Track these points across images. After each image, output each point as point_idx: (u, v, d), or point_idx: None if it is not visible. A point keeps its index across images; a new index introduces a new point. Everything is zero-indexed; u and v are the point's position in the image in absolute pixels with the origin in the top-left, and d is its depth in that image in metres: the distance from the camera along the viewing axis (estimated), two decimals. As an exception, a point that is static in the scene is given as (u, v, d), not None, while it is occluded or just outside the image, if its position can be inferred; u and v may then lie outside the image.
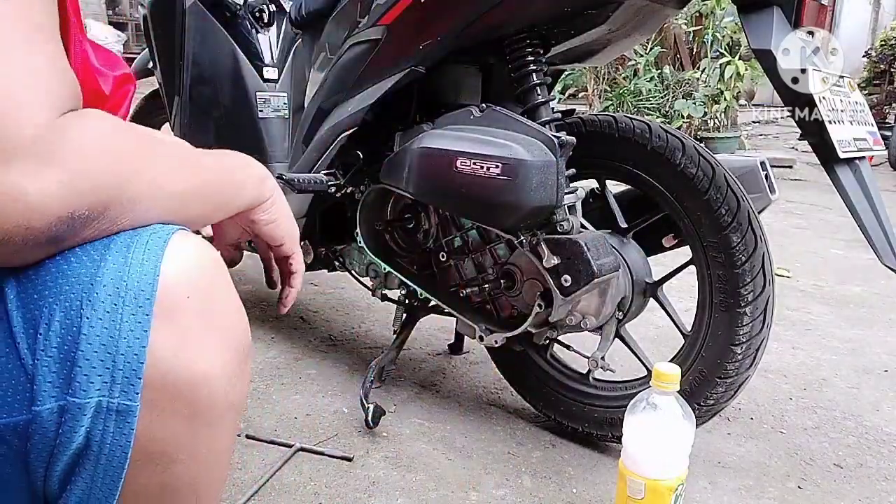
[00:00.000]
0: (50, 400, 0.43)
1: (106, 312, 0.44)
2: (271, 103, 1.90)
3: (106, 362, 0.44)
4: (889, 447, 1.33)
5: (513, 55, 1.12)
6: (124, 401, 0.44)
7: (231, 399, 0.50)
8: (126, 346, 0.44)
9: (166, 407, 0.46)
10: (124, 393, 0.44)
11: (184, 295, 0.46)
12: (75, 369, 0.43)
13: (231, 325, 0.50)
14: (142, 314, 0.44)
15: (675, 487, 0.92)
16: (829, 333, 1.93)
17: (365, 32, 1.21)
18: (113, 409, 0.44)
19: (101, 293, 0.44)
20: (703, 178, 1.08)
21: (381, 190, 1.29)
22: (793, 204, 3.86)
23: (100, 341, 0.43)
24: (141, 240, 0.47)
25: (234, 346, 0.50)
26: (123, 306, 0.44)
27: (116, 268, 0.45)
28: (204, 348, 0.47)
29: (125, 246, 0.46)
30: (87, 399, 0.43)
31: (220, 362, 0.48)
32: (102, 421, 0.44)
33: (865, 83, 6.77)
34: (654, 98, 5.58)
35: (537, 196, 1.00)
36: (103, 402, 0.44)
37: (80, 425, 0.44)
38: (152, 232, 0.48)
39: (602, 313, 1.16)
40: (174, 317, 0.46)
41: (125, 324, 0.44)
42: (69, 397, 0.43)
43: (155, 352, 0.45)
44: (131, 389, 0.44)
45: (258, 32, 1.89)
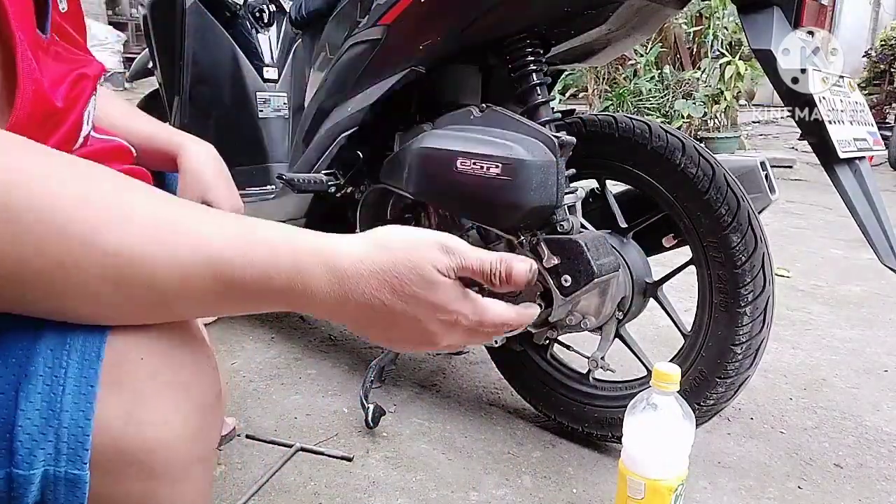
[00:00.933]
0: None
1: (46, 385, 0.41)
2: (271, 103, 1.90)
3: (48, 435, 0.41)
4: (889, 447, 1.33)
5: (513, 55, 1.12)
6: (72, 470, 0.42)
7: (196, 454, 0.47)
8: (69, 417, 0.41)
9: (121, 472, 0.44)
10: (71, 463, 0.42)
11: (136, 357, 0.43)
12: (15, 443, 0.41)
13: (194, 379, 0.46)
14: (86, 384, 0.41)
15: (675, 487, 0.92)
16: (828, 333, 1.93)
17: (365, 32, 1.21)
18: (61, 478, 0.42)
19: (40, 364, 0.41)
20: (703, 178, 1.08)
21: (381, 190, 1.29)
22: (793, 204, 3.86)
23: (40, 414, 0.41)
24: None
25: (197, 401, 0.46)
26: (66, 376, 0.41)
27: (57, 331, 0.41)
28: (160, 410, 0.43)
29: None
30: (31, 471, 0.41)
31: (179, 422, 0.44)
32: (53, 487, 0.42)
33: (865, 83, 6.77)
34: (654, 98, 5.59)
35: (537, 196, 1.00)
36: (50, 471, 0.42)
37: (29, 492, 0.42)
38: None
39: (602, 313, 1.16)
40: (125, 381, 0.42)
41: (68, 395, 0.41)
42: (13, 468, 0.41)
43: (104, 419, 0.42)
44: (78, 460, 0.42)
45: (258, 32, 1.90)
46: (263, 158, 1.87)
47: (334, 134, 1.27)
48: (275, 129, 1.90)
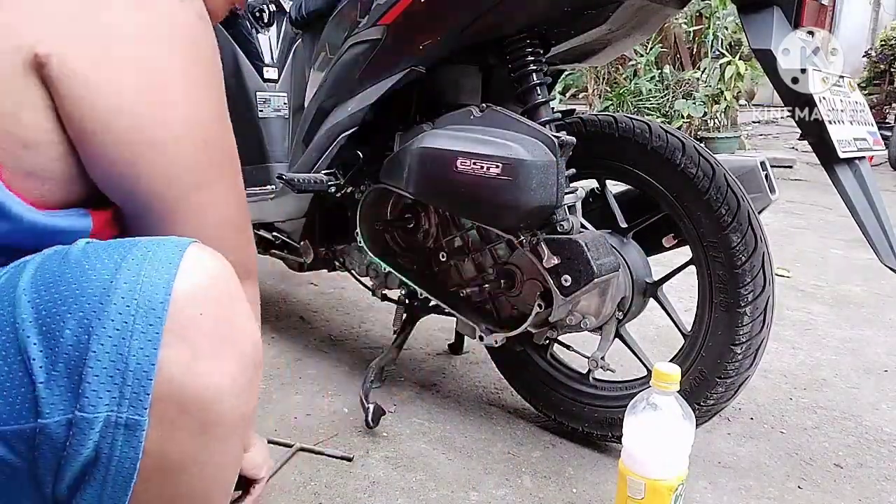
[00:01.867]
0: (58, 413, 0.44)
1: (116, 330, 0.44)
2: (271, 103, 1.90)
3: (115, 378, 0.44)
4: (889, 447, 1.33)
5: (513, 55, 1.12)
6: (133, 416, 0.45)
7: (241, 412, 0.51)
8: (135, 362, 0.44)
9: (176, 422, 0.46)
10: (133, 408, 0.44)
11: (196, 312, 0.47)
12: (83, 385, 0.44)
13: (242, 340, 0.50)
14: (152, 332, 0.45)
15: (675, 487, 0.92)
16: (829, 333, 1.93)
17: (365, 32, 1.21)
18: (122, 424, 0.44)
19: (112, 311, 0.44)
20: (703, 178, 1.08)
21: (381, 190, 1.29)
22: (793, 204, 3.86)
23: (109, 358, 0.44)
24: (156, 255, 0.47)
25: (245, 361, 0.50)
26: (134, 324, 0.44)
27: (129, 285, 0.45)
28: (215, 365, 0.48)
29: (139, 261, 0.46)
30: (95, 414, 0.44)
31: (230, 378, 0.48)
32: (111, 434, 0.45)
33: (865, 83, 6.78)
34: (655, 98, 5.59)
35: (537, 196, 1.00)
36: (112, 416, 0.44)
37: (88, 439, 0.44)
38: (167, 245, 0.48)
39: (602, 313, 1.16)
40: (186, 333, 0.46)
41: (135, 341, 0.44)
42: (77, 412, 0.44)
43: (165, 368, 0.45)
44: (140, 405, 0.45)
45: (258, 32, 1.90)
46: (263, 158, 1.87)
47: (334, 134, 1.27)
48: (275, 129, 1.90)
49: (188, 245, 0.49)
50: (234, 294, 0.50)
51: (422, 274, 1.35)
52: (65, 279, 0.45)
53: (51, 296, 0.45)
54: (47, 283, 0.45)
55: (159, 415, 0.45)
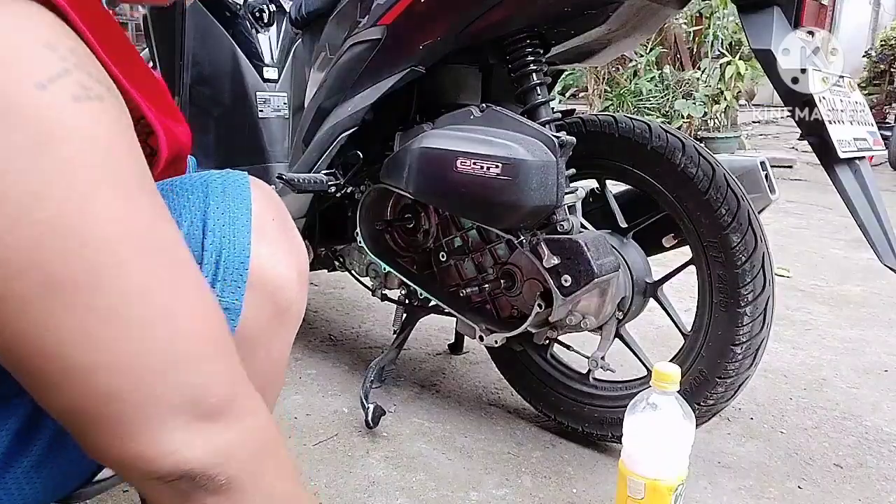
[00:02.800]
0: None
1: (223, 226, 0.52)
2: (271, 103, 1.90)
3: (219, 268, 0.52)
4: (889, 447, 1.33)
5: (513, 55, 1.12)
6: (233, 300, 0.52)
7: (298, 308, 0.59)
8: (234, 253, 0.52)
9: (261, 305, 0.54)
10: (232, 294, 0.52)
11: (269, 217, 0.56)
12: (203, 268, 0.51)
13: (299, 248, 0.59)
14: (244, 230, 0.53)
15: (675, 487, 0.92)
16: (829, 333, 1.93)
17: (365, 32, 1.21)
18: (223, 308, 0.50)
19: (217, 211, 0.53)
20: (703, 178, 1.08)
21: (381, 190, 1.29)
22: (793, 204, 3.86)
23: (213, 249, 0.52)
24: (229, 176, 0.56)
25: (302, 265, 0.59)
26: (233, 223, 0.53)
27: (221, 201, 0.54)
28: (286, 260, 0.56)
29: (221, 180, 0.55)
30: None
31: (295, 274, 0.57)
32: None
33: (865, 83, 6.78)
34: (655, 98, 5.59)
35: (537, 196, 1.00)
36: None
37: None
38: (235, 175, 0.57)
39: (602, 313, 1.16)
40: (266, 233, 0.55)
41: (235, 239, 0.52)
42: None
43: (256, 259, 0.53)
44: (238, 291, 0.52)
45: (258, 32, 1.90)
46: (263, 158, 1.86)
47: (334, 134, 1.27)
48: (275, 129, 1.90)
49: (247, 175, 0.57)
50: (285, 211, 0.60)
51: (422, 274, 1.35)
52: (175, 190, 0.54)
53: (170, 191, 0.54)
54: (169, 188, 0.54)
55: (251, 297, 0.53)
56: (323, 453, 1.24)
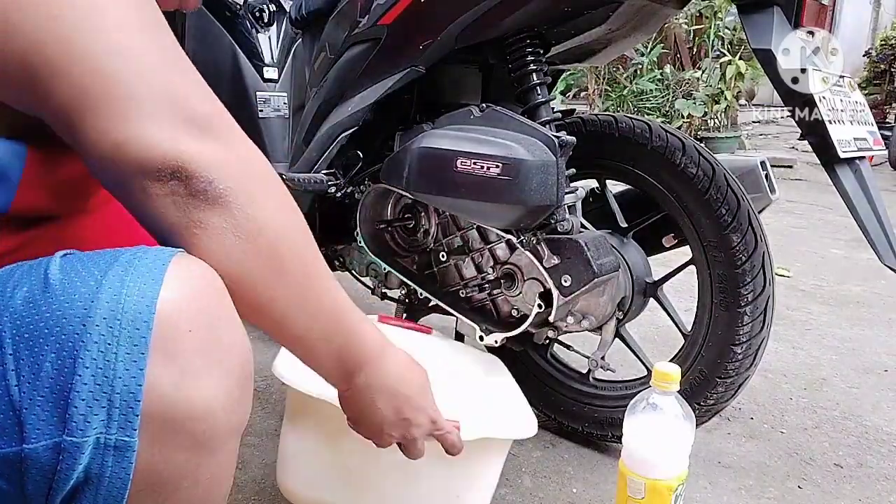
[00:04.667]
0: (44, 438, 0.43)
1: (100, 352, 0.43)
2: (271, 103, 1.90)
3: (101, 401, 0.43)
4: (889, 447, 1.33)
5: (513, 55, 1.12)
6: (122, 437, 0.44)
7: (233, 425, 0.50)
8: (122, 384, 0.43)
9: (168, 440, 0.46)
10: (122, 429, 0.44)
11: (185, 329, 0.46)
12: (71, 409, 0.43)
13: (233, 354, 0.49)
14: (137, 352, 0.44)
15: (675, 487, 0.92)
16: (829, 333, 1.93)
17: (365, 32, 1.21)
18: (111, 446, 0.44)
19: (95, 333, 0.43)
20: (703, 178, 1.08)
21: (381, 190, 1.29)
22: (793, 204, 3.86)
23: (94, 381, 0.43)
24: (138, 269, 0.46)
25: (237, 375, 0.50)
26: (118, 344, 0.44)
27: (110, 305, 0.44)
28: (206, 381, 0.47)
29: (120, 277, 0.45)
30: (84, 438, 0.43)
31: (222, 393, 0.48)
32: (101, 456, 0.44)
33: (865, 83, 6.78)
34: (655, 98, 5.59)
35: (537, 196, 1.00)
36: (101, 438, 0.44)
37: (78, 463, 0.44)
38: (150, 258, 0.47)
39: (602, 313, 1.16)
40: (175, 351, 0.45)
41: (120, 362, 0.43)
42: (65, 436, 0.43)
43: (154, 387, 0.44)
44: (129, 426, 0.44)
45: (258, 32, 1.89)
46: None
47: (334, 134, 1.27)
48: (275, 129, 1.90)
49: (172, 256, 0.47)
50: (222, 306, 0.49)
51: (422, 274, 1.35)
52: (46, 302, 0.44)
53: (33, 319, 0.44)
54: (29, 306, 0.44)
55: (150, 434, 0.45)
56: (323, 453, 1.24)
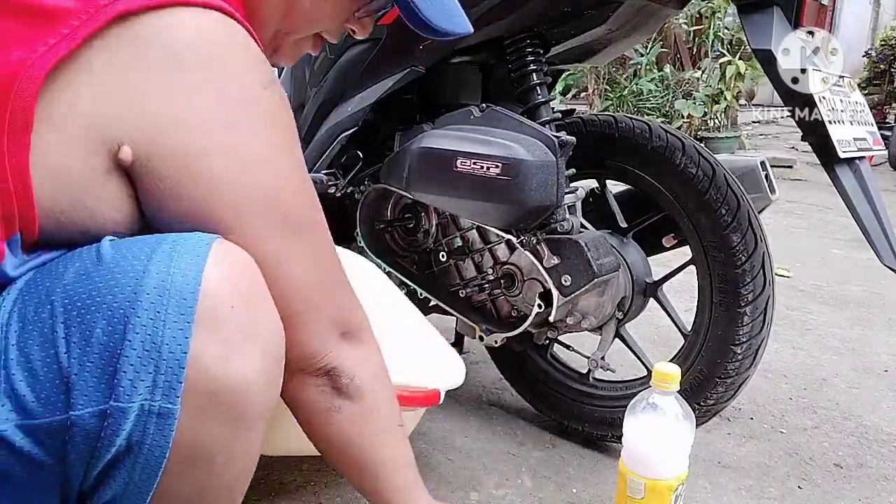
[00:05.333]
0: (91, 404, 0.45)
1: (150, 320, 0.45)
2: (271, 103, 1.89)
3: (148, 367, 0.45)
4: (889, 447, 1.33)
5: (513, 55, 1.12)
6: (165, 404, 0.45)
7: (267, 404, 0.52)
8: (168, 351, 0.45)
9: (208, 411, 0.48)
10: (165, 396, 0.45)
11: (227, 305, 0.48)
12: (119, 374, 0.45)
13: (270, 334, 0.52)
14: (183, 321, 0.45)
15: (675, 487, 0.92)
16: (829, 333, 1.93)
17: (365, 32, 1.21)
18: (154, 413, 0.45)
19: (145, 301, 0.45)
20: (703, 178, 1.08)
21: (381, 190, 1.29)
22: (793, 204, 3.86)
23: (143, 347, 0.45)
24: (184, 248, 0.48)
25: (273, 354, 0.52)
26: (167, 314, 0.45)
27: (160, 277, 0.46)
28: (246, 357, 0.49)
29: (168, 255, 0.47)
30: (130, 403, 0.45)
31: (259, 370, 0.50)
32: (143, 423, 0.45)
33: (865, 83, 6.78)
34: (655, 98, 5.59)
35: (537, 196, 1.00)
36: (145, 405, 0.45)
37: (122, 428, 0.45)
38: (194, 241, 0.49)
39: (602, 313, 1.16)
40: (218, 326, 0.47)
41: (168, 330, 0.45)
42: (112, 402, 0.45)
43: (199, 358, 0.46)
44: (172, 393, 0.45)
45: (258, 32, 1.89)
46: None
47: (334, 134, 1.27)
48: (275, 129, 1.90)
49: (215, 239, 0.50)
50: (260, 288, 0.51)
51: (422, 274, 1.35)
52: (99, 273, 0.46)
53: (86, 290, 0.46)
54: (81, 278, 0.46)
55: (191, 404, 0.46)
56: (323, 453, 1.24)
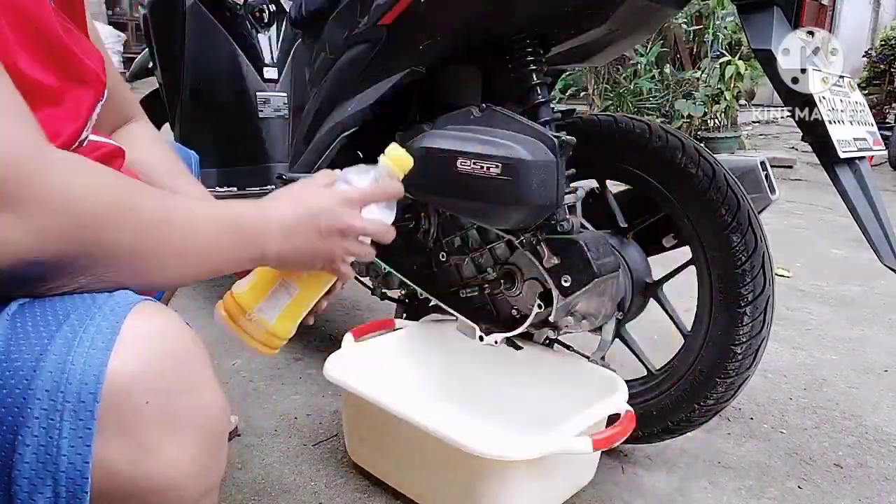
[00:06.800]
0: None
1: (42, 428, 0.40)
2: (271, 103, 1.90)
3: (46, 480, 0.40)
4: (889, 447, 1.33)
5: (513, 55, 1.12)
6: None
7: (206, 486, 0.47)
8: (67, 461, 0.40)
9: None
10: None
11: (140, 401, 0.42)
12: (14, 487, 0.40)
13: (201, 419, 0.46)
14: (83, 427, 0.40)
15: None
16: (829, 333, 1.93)
17: (365, 33, 1.21)
18: None
19: (36, 407, 0.40)
20: (703, 178, 1.08)
21: (381, 190, 1.28)
22: (793, 204, 3.86)
23: (37, 458, 0.40)
24: (92, 324, 0.42)
25: (205, 439, 0.46)
26: (62, 419, 0.40)
27: (55, 372, 0.40)
28: (167, 454, 0.43)
29: (71, 337, 0.41)
30: None
31: (187, 462, 0.44)
32: None
33: (865, 83, 6.77)
34: (655, 98, 5.59)
35: (537, 196, 1.00)
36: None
37: None
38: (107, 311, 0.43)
39: (602, 313, 1.16)
40: (129, 425, 0.42)
41: (64, 438, 0.40)
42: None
43: (105, 464, 0.41)
44: (77, 501, 0.40)
45: (258, 32, 1.90)
46: (263, 158, 1.86)
47: (334, 134, 1.27)
48: (275, 129, 1.90)
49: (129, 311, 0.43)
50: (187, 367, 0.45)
51: (422, 274, 1.35)
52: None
53: None
54: None
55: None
56: (323, 453, 1.24)
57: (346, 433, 1.19)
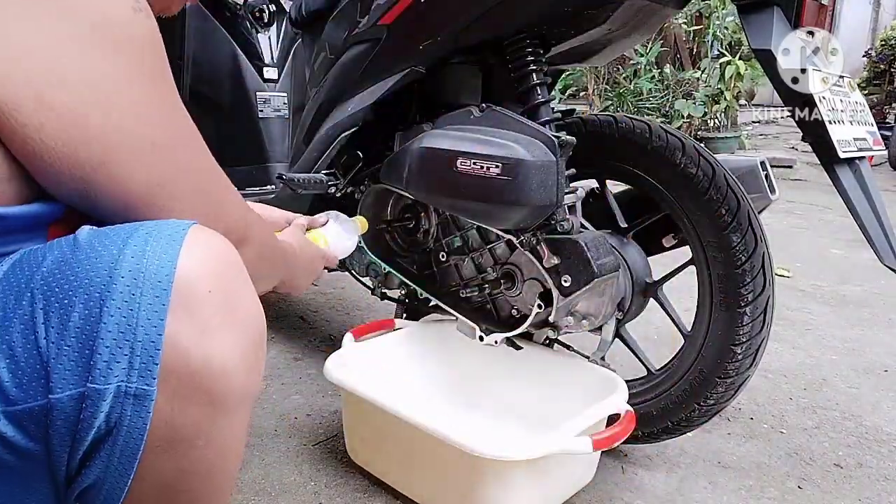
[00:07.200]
0: (69, 387, 0.45)
1: (124, 302, 0.46)
2: (271, 103, 1.90)
3: (124, 349, 0.45)
4: (889, 447, 1.33)
5: (513, 55, 1.12)
6: (142, 385, 0.46)
7: (248, 389, 0.52)
8: (143, 333, 0.45)
9: (186, 395, 0.48)
10: (142, 378, 0.46)
11: (205, 289, 0.48)
12: (95, 356, 0.45)
13: (249, 318, 0.52)
14: (158, 303, 0.46)
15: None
16: (829, 333, 1.93)
17: (365, 32, 1.21)
18: (131, 394, 0.46)
19: (120, 284, 0.46)
20: (703, 178, 1.08)
21: (381, 190, 1.29)
22: (793, 204, 3.86)
23: (118, 329, 0.45)
24: (160, 234, 0.48)
25: (252, 338, 0.52)
26: (141, 296, 0.46)
27: (135, 261, 0.47)
28: (224, 341, 0.49)
29: (143, 240, 0.48)
30: (106, 385, 0.45)
31: (238, 354, 0.50)
32: (120, 405, 0.46)
33: (865, 83, 6.77)
34: (655, 98, 5.59)
35: (537, 196, 1.00)
36: (122, 386, 0.46)
37: (100, 410, 0.45)
38: (171, 226, 0.49)
39: (602, 313, 1.16)
40: (196, 309, 0.47)
41: (143, 313, 0.46)
42: (89, 384, 0.45)
43: (175, 340, 0.46)
44: (148, 374, 0.46)
45: (258, 32, 1.90)
46: (263, 158, 1.86)
47: (334, 134, 1.27)
48: (275, 129, 1.90)
49: (190, 225, 0.50)
50: (238, 272, 0.52)
51: (422, 274, 1.35)
52: (76, 259, 0.47)
53: (63, 275, 0.46)
54: (59, 264, 0.47)
55: (168, 386, 0.47)
56: (323, 453, 1.24)
57: (346, 433, 1.19)
